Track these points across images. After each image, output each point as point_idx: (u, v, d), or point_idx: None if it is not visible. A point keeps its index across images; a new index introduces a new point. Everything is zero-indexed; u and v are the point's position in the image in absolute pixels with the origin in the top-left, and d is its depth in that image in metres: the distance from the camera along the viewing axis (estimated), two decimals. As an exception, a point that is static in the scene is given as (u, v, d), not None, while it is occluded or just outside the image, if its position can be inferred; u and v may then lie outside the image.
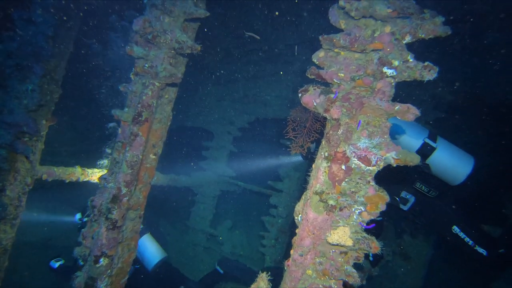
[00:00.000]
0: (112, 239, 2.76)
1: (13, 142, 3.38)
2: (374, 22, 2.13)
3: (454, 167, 3.02)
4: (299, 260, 2.06)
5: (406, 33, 2.02)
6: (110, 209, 2.77)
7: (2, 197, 3.40)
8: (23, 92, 3.43)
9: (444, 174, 3.10)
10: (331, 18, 2.28)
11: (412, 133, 3.03)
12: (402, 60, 2.02)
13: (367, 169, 2.05)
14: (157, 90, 2.87)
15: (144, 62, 2.87)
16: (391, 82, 2.07)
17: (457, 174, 3.03)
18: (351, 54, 2.20)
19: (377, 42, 2.07)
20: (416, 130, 3.07)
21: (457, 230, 3.25)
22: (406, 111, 1.98)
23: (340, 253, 2.05)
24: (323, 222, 2.07)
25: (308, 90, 2.26)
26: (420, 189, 3.28)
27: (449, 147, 3.09)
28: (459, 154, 3.07)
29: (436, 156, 3.00)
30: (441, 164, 3.03)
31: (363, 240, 1.99)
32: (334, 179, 2.09)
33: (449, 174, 3.06)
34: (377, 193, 2.02)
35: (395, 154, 1.98)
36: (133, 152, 2.83)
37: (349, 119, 2.11)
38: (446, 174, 3.08)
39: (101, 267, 2.74)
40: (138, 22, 2.80)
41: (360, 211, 2.05)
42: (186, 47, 2.78)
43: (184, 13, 2.85)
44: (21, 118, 3.38)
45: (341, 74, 2.17)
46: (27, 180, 3.69)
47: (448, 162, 3.02)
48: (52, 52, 3.57)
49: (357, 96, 2.11)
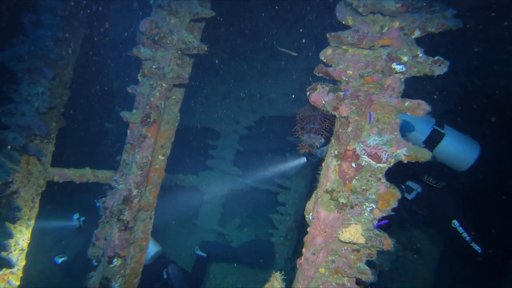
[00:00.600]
0: (124, 240, 2.79)
1: (26, 145, 3.42)
2: (382, 17, 2.11)
3: (463, 152, 3.07)
4: (312, 259, 2.06)
5: (415, 28, 2.00)
6: (122, 210, 2.79)
7: (17, 199, 3.44)
8: (34, 95, 3.47)
9: (453, 160, 3.13)
10: (338, 15, 2.26)
11: (420, 122, 3.08)
12: (412, 55, 2.01)
13: (377, 166, 2.05)
14: (164, 91, 2.89)
15: (151, 64, 2.88)
16: (400, 78, 2.06)
17: (466, 159, 3.06)
18: (359, 51, 2.18)
19: (386, 38, 2.06)
20: (423, 119, 3.08)
21: (456, 224, 3.28)
22: (416, 107, 1.97)
23: (353, 250, 2.05)
24: (334, 220, 2.07)
25: (316, 88, 2.25)
26: (428, 181, 3.31)
27: (456, 133, 3.14)
28: (466, 140, 3.13)
29: (445, 142, 3.04)
30: (450, 149, 3.07)
31: (376, 237, 1.99)
32: (345, 177, 2.09)
33: (458, 159, 3.09)
34: (389, 190, 2.01)
35: (406, 150, 1.97)
36: (143, 154, 2.85)
37: (358, 116, 2.11)
38: (455, 160, 3.11)
39: (114, 268, 2.77)
40: (144, 24, 2.81)
41: (371, 209, 2.05)
42: (193, 47, 2.79)
43: (190, 13, 2.86)
44: (33, 121, 3.41)
45: (349, 71, 2.16)
46: (39, 181, 3.73)
47: (457, 148, 3.07)
48: (61, 54, 3.60)
49: (366, 93, 2.10)
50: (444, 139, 3.04)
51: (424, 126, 3.07)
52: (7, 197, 3.42)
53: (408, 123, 2.96)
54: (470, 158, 3.05)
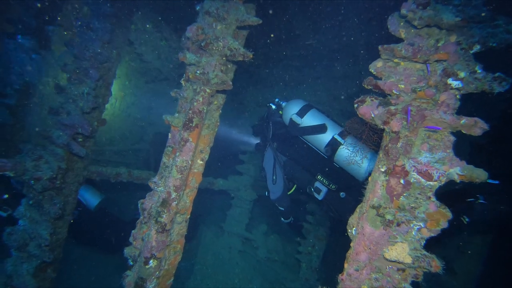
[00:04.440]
0: (161, 242, 2.83)
1: (69, 143, 3.54)
2: (438, 31, 2.05)
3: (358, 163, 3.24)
4: (355, 275, 2.01)
5: (475, 43, 1.93)
6: (160, 212, 2.83)
7: (61, 195, 3.57)
8: (79, 95, 3.60)
9: (350, 169, 3.31)
10: (390, 27, 2.22)
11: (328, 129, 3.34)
12: (469, 71, 1.93)
13: (427, 184, 1.98)
14: (208, 96, 2.91)
15: (195, 69, 2.92)
16: (456, 94, 1.99)
17: (361, 170, 3.22)
18: (412, 64, 2.12)
19: (442, 52, 1.99)
20: (331, 126, 3.36)
21: None
22: (473, 125, 1.89)
23: (398, 270, 1.98)
24: (380, 237, 2.01)
25: (365, 101, 2.21)
26: (322, 181, 3.52)
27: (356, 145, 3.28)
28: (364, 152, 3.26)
29: (342, 151, 3.26)
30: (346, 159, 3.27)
31: (423, 258, 1.91)
32: (392, 193, 2.03)
33: (353, 169, 3.27)
34: (439, 209, 1.93)
35: (460, 169, 1.89)
36: (183, 158, 2.89)
37: (409, 132, 2.05)
38: (351, 169, 3.29)
39: (150, 269, 2.81)
40: (191, 29, 2.85)
41: (419, 227, 1.97)
42: (238, 54, 2.80)
43: (237, 21, 2.88)
44: (77, 120, 3.53)
45: (401, 85, 2.10)
46: (79, 179, 3.86)
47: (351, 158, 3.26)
48: (107, 56, 3.72)
49: (418, 109, 2.04)
50: (341, 147, 3.25)
51: (328, 133, 3.33)
52: (50, 192, 3.55)
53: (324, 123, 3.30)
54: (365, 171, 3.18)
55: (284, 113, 3.56)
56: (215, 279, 6.65)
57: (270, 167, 3.67)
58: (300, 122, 3.42)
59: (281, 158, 3.69)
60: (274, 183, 3.63)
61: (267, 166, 3.73)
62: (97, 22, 3.54)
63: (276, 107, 3.72)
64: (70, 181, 3.72)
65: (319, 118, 3.45)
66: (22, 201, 3.61)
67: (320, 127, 3.33)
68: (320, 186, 3.58)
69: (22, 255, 3.59)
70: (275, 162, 3.64)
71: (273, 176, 3.63)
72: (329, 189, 3.54)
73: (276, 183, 3.63)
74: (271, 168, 3.65)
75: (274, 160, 3.64)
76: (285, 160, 3.70)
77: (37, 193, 3.54)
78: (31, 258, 3.61)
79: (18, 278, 3.55)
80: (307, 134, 3.42)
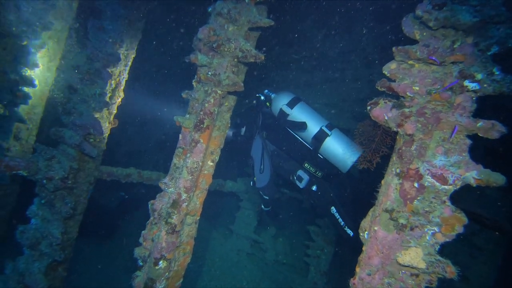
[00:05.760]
0: (171, 243, 2.82)
1: (81, 143, 3.57)
2: (454, 32, 2.01)
3: (342, 154, 3.41)
4: (367, 280, 1.98)
5: (492, 44, 1.89)
6: (170, 213, 2.83)
7: (72, 195, 3.60)
8: (91, 96, 3.63)
9: (335, 160, 3.48)
10: (404, 28, 2.18)
11: (314, 121, 3.50)
12: (487, 73, 1.89)
13: (442, 188, 1.94)
14: (219, 98, 2.91)
15: (207, 70, 2.92)
16: (472, 96, 1.95)
17: (345, 161, 3.39)
18: (427, 66, 2.09)
19: (458, 54, 1.96)
20: (318, 119, 3.54)
21: (334, 211, 3.65)
22: (490, 128, 1.85)
23: (411, 275, 1.95)
24: (393, 242, 1.98)
25: (379, 103, 2.18)
26: (308, 169, 3.65)
27: (342, 137, 3.48)
28: (349, 145, 3.44)
29: (328, 142, 3.43)
30: (332, 150, 3.44)
31: (438, 263, 1.88)
32: (406, 197, 2.00)
33: (339, 160, 3.44)
34: (454, 214, 1.89)
35: (477, 174, 1.85)
36: (194, 159, 2.89)
37: (423, 135, 2.01)
38: (337, 160, 3.46)
39: (160, 270, 2.80)
40: (203, 31, 2.85)
41: (433, 232, 1.94)
42: (250, 56, 2.79)
43: (249, 22, 2.87)
44: (89, 120, 3.56)
45: (415, 87, 2.07)
46: (90, 179, 3.88)
47: (338, 149, 3.42)
48: (119, 57, 3.74)
49: (433, 111, 2.01)
50: (327, 139, 3.41)
51: (316, 125, 3.47)
52: (61, 192, 3.58)
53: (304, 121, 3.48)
54: (349, 161, 3.36)
55: (274, 103, 3.67)
56: (223, 281, 6.64)
57: (258, 156, 3.76)
58: (289, 113, 3.54)
59: (270, 147, 3.81)
60: (262, 172, 3.72)
61: (255, 155, 3.80)
62: (109, 23, 3.57)
63: (264, 98, 3.78)
64: (81, 181, 3.75)
65: (307, 110, 3.59)
66: (34, 200, 3.65)
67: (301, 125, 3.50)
68: (302, 175, 3.71)
69: (34, 253, 3.63)
70: (263, 151, 3.72)
71: (261, 165, 3.71)
72: (315, 176, 3.67)
73: (264, 172, 3.72)
74: (259, 157, 3.74)
75: (263, 149, 3.73)
76: (273, 150, 3.81)
77: (49, 192, 3.58)
78: (43, 256, 3.64)
79: (30, 276, 3.59)
80: (294, 128, 3.59)
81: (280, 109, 3.58)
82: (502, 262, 4.63)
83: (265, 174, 3.74)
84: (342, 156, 3.40)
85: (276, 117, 3.66)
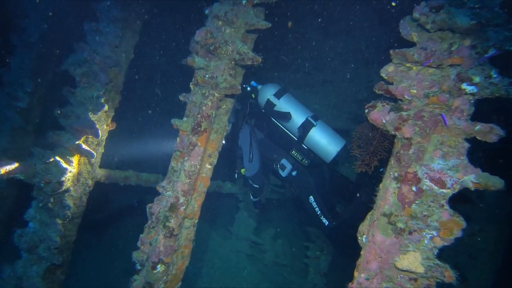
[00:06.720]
0: (169, 247, 2.81)
1: (79, 146, 3.55)
2: (451, 35, 2.00)
3: (327, 144, 3.53)
4: (365, 284, 1.97)
5: (490, 47, 1.88)
6: (168, 217, 2.82)
7: (68, 197, 3.58)
8: (88, 99, 3.61)
9: (319, 150, 3.60)
10: (402, 31, 2.17)
11: (300, 112, 3.60)
12: (485, 76, 1.88)
13: (440, 191, 1.93)
14: (216, 100, 2.90)
15: (204, 73, 2.91)
16: (470, 99, 1.94)
17: (329, 151, 3.53)
18: (425, 69, 2.08)
19: (456, 56, 1.95)
20: (304, 110, 3.65)
21: (312, 200, 3.74)
22: (488, 131, 1.84)
23: (410, 279, 1.94)
24: (391, 246, 1.97)
25: (376, 106, 2.17)
26: (296, 157, 3.73)
27: (326, 128, 3.61)
28: (334, 136, 3.58)
29: (313, 132, 3.54)
30: (317, 140, 3.55)
31: (436, 267, 1.87)
32: (404, 201, 1.99)
33: (322, 150, 3.57)
34: (453, 218, 1.88)
35: (475, 177, 1.84)
36: (192, 162, 2.88)
37: (421, 138, 2.00)
38: (321, 150, 3.58)
39: (158, 274, 2.79)
40: (200, 33, 2.84)
41: (432, 236, 1.93)
42: (247, 58, 2.78)
43: (246, 24, 2.86)
44: (87, 123, 3.55)
45: (413, 90, 2.06)
46: (88, 182, 3.87)
47: (322, 139, 3.54)
48: (116, 60, 3.73)
49: (431, 114, 2.00)
50: (313, 129, 3.52)
51: (302, 115, 3.57)
52: (59, 195, 3.56)
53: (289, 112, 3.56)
54: (333, 151, 3.50)
55: (261, 94, 3.74)
56: (222, 283, 6.62)
57: (246, 145, 3.79)
58: (276, 103, 3.62)
59: (258, 135, 3.87)
60: (251, 161, 3.76)
61: (243, 144, 3.84)
62: (106, 25, 3.55)
63: (251, 89, 3.83)
64: (79, 184, 3.74)
65: (293, 102, 3.68)
66: (32, 203, 3.63)
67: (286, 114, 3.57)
68: (286, 164, 3.82)
69: (32, 257, 3.61)
70: (252, 140, 3.77)
71: (250, 154, 3.76)
72: (301, 163, 3.75)
73: (253, 161, 3.77)
74: (248, 146, 3.78)
75: (251, 138, 3.77)
76: (260, 138, 3.87)
77: (47, 195, 3.56)
78: (41, 260, 3.63)
79: (28, 280, 3.57)
80: (279, 118, 3.66)
81: (267, 99, 3.66)
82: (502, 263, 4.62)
83: (255, 163, 3.79)
84: (326, 146, 3.52)
85: (263, 107, 3.74)
